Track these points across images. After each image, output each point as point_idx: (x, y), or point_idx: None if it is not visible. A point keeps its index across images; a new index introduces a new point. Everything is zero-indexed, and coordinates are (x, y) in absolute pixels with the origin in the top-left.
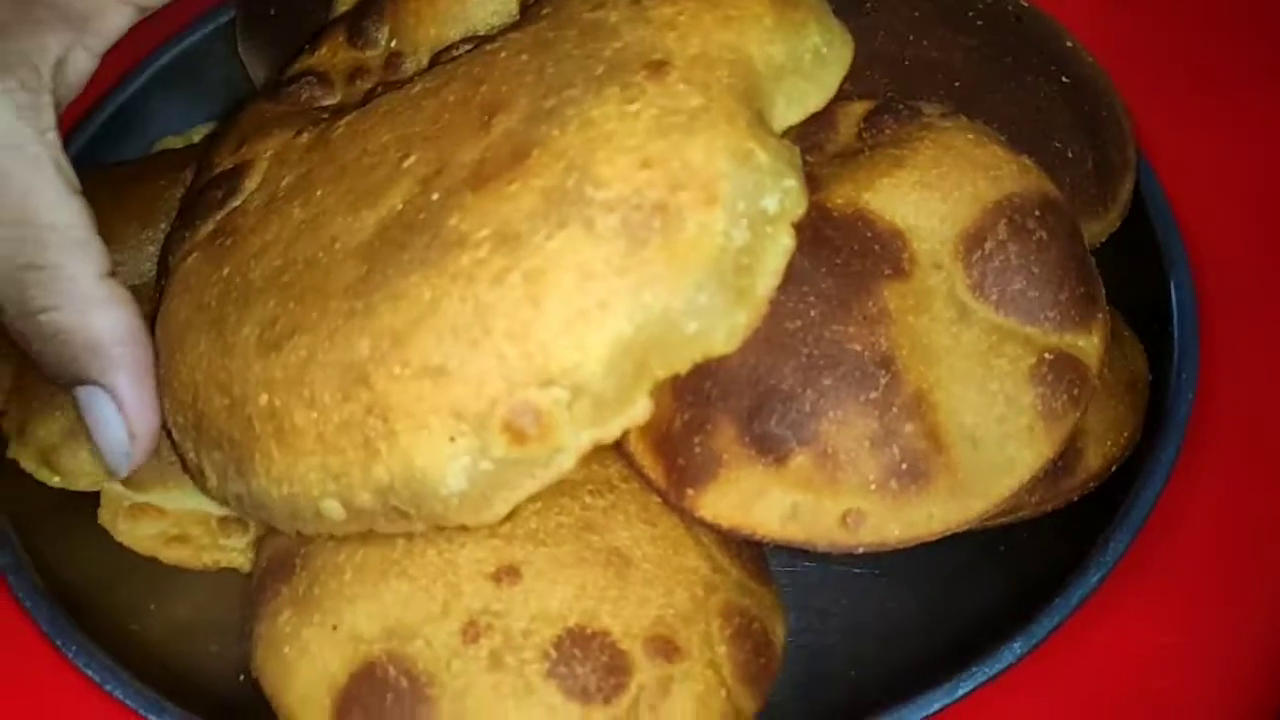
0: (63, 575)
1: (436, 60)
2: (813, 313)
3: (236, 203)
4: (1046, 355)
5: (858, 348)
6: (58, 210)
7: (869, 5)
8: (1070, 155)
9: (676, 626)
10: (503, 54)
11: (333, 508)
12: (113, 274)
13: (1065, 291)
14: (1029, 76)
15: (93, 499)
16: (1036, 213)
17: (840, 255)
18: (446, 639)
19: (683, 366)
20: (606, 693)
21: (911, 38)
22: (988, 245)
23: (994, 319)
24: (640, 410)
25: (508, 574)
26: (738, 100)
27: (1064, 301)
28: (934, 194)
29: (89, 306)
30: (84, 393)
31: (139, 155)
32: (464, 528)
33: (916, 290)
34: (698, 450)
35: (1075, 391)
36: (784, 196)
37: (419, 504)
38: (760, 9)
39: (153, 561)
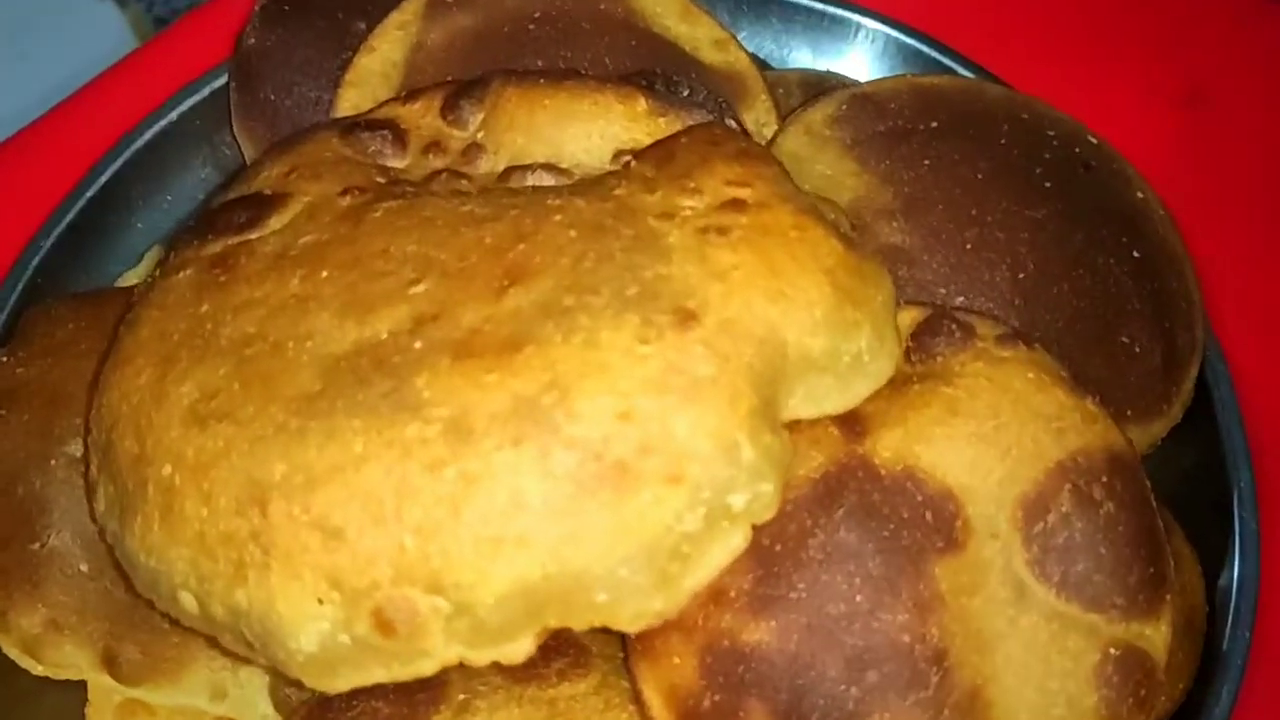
0: None
1: (508, 174)
2: (858, 597)
3: (253, 236)
4: (1112, 651)
5: (907, 639)
6: None
7: (927, 163)
8: (1139, 350)
9: None
10: (557, 217)
11: (189, 601)
12: None
13: (1134, 575)
14: (1099, 258)
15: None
16: (1104, 478)
17: (889, 527)
18: None
19: (579, 626)
20: None
21: (974, 212)
22: (1050, 518)
23: (1054, 603)
24: (519, 649)
25: None
26: (751, 383)
27: (1132, 587)
28: (991, 450)
29: None
30: None
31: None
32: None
33: (970, 565)
34: None
35: (1142, 693)
36: (754, 500)
37: (266, 643)
38: (816, 296)
39: None
